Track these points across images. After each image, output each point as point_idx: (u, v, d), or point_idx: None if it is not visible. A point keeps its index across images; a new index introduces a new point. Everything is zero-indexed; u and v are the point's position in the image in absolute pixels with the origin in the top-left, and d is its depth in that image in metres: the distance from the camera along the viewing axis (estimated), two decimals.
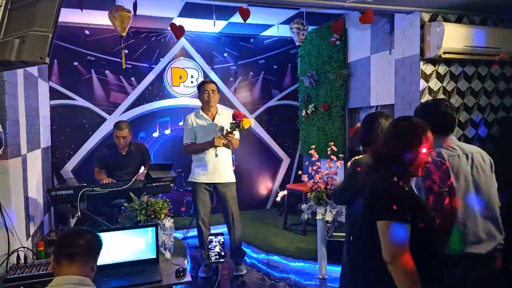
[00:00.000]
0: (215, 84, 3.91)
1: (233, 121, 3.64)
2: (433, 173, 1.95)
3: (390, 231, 1.57)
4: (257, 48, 6.07)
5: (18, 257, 2.48)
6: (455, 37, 3.81)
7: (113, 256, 2.47)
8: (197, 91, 4.01)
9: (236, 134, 3.79)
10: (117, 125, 4.05)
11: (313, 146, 4.37)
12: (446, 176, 1.96)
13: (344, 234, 2.49)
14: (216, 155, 3.76)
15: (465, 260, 1.95)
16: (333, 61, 5.29)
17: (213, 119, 3.83)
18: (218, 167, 3.80)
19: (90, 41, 5.26)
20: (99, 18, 4.85)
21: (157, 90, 5.60)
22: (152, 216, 2.92)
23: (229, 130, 3.67)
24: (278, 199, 6.03)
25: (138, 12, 3.64)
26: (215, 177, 3.81)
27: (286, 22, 4.82)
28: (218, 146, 3.71)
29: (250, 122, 3.68)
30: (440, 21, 3.97)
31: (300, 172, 4.43)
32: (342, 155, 4.57)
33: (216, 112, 3.88)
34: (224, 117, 3.85)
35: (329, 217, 3.69)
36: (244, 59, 6.01)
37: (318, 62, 5.59)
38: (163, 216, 2.96)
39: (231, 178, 3.91)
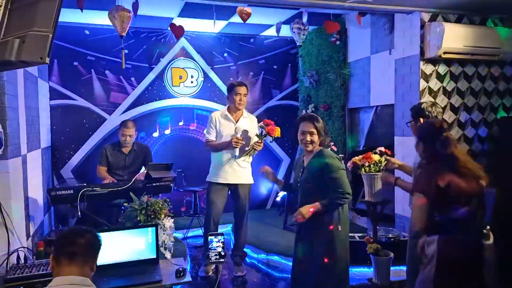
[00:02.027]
0: (247, 87, 3.89)
1: (263, 130, 3.62)
2: None
3: None
4: (257, 48, 6.06)
5: (18, 257, 2.48)
6: (455, 37, 3.81)
7: (113, 256, 2.47)
8: (227, 91, 3.93)
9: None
10: (124, 123, 4.09)
11: None
12: None
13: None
14: (235, 156, 3.73)
15: None
16: (333, 61, 5.29)
17: (237, 121, 3.82)
18: (235, 168, 3.79)
19: (90, 41, 5.26)
20: (99, 18, 4.85)
21: (157, 90, 5.59)
22: (152, 216, 2.93)
23: (259, 140, 3.65)
24: (278, 199, 6.03)
25: (138, 12, 3.65)
26: (231, 178, 3.80)
27: (286, 22, 4.82)
28: (236, 147, 3.67)
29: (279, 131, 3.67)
30: (440, 21, 3.97)
31: None
32: (342, 155, 4.57)
33: (242, 115, 3.86)
34: (248, 121, 3.84)
35: None
36: (244, 59, 6.01)
37: (318, 62, 5.59)
38: (163, 216, 2.96)
39: (248, 180, 3.90)
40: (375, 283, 3.35)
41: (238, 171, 3.80)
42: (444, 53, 3.84)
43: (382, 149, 3.19)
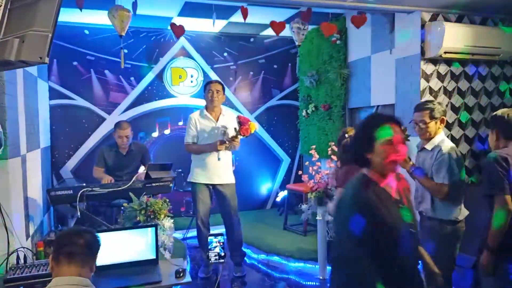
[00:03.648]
0: (221, 84, 3.89)
1: (239, 126, 3.60)
2: None
3: None
4: (257, 48, 6.06)
5: (18, 257, 2.48)
6: (455, 36, 3.81)
7: (113, 256, 2.46)
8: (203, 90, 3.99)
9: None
10: (119, 125, 4.05)
11: (314, 146, 4.37)
12: None
13: None
14: (219, 159, 3.74)
15: None
16: (333, 60, 5.29)
17: (217, 120, 3.82)
18: (218, 168, 3.79)
19: (90, 41, 5.25)
20: (99, 18, 4.83)
21: (157, 89, 5.59)
22: (151, 216, 2.92)
23: (234, 135, 3.63)
24: (278, 199, 6.03)
25: (137, 12, 3.64)
26: (215, 178, 3.80)
27: (286, 21, 4.81)
28: (221, 150, 3.68)
29: (256, 126, 3.68)
30: (440, 20, 3.97)
31: (300, 172, 4.43)
32: None
33: (220, 112, 3.86)
34: (227, 119, 3.83)
35: (329, 218, 3.69)
36: (244, 59, 6.00)
37: (318, 62, 5.58)
38: (162, 216, 2.95)
39: (231, 179, 3.89)
40: None
41: (221, 171, 3.81)
42: (445, 52, 3.84)
43: None
